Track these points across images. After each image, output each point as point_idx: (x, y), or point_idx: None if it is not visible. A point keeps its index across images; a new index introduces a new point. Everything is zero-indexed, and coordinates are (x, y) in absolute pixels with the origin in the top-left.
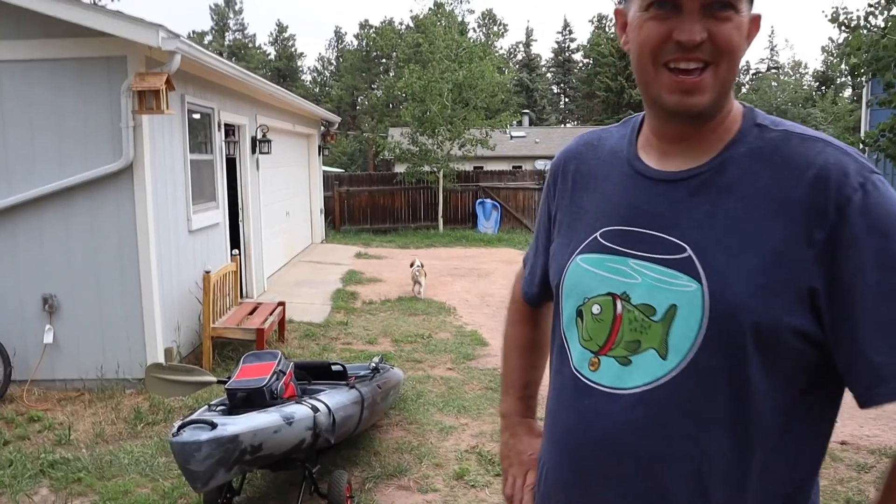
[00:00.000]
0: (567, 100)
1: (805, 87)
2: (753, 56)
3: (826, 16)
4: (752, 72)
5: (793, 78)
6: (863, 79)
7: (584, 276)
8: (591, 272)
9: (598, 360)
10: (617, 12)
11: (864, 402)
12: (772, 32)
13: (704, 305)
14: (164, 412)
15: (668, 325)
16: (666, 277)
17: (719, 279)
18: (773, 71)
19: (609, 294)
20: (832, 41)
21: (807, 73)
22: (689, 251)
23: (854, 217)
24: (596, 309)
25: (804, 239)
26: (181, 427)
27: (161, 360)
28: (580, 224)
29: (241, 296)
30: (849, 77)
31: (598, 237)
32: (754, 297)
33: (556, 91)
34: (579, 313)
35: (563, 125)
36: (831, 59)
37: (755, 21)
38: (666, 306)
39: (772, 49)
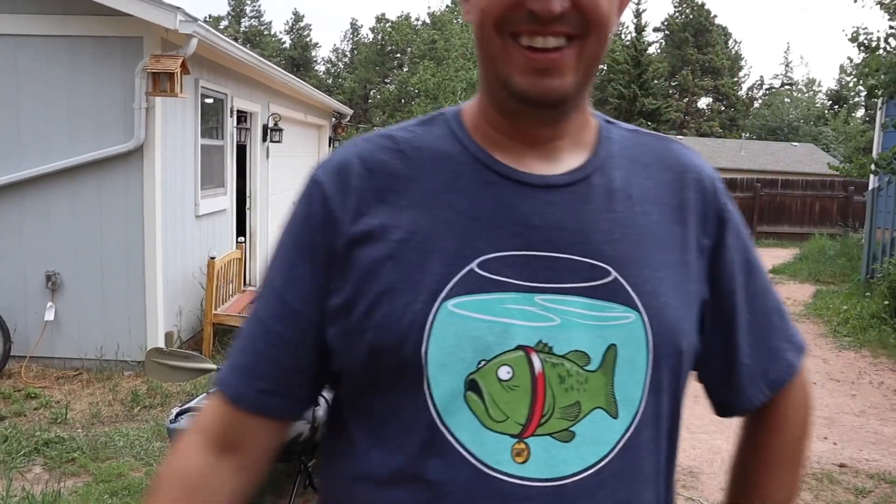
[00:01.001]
0: None
1: (818, 105)
2: (767, 71)
3: (846, 35)
4: (765, 87)
5: (806, 95)
6: (879, 100)
7: (467, 328)
8: (478, 321)
9: (526, 444)
10: None
11: (735, 408)
12: (787, 49)
13: (648, 338)
14: (161, 396)
15: (611, 373)
16: (594, 312)
17: (654, 302)
18: (787, 87)
19: (519, 348)
20: (850, 60)
21: (820, 90)
22: (614, 272)
23: (730, 224)
24: (505, 372)
25: (697, 248)
26: (179, 414)
27: (161, 343)
28: (427, 256)
29: (245, 284)
30: (864, 97)
31: (476, 269)
32: (684, 319)
33: None
34: (471, 385)
35: None
36: (847, 78)
37: None
38: (603, 349)
39: (786, 65)
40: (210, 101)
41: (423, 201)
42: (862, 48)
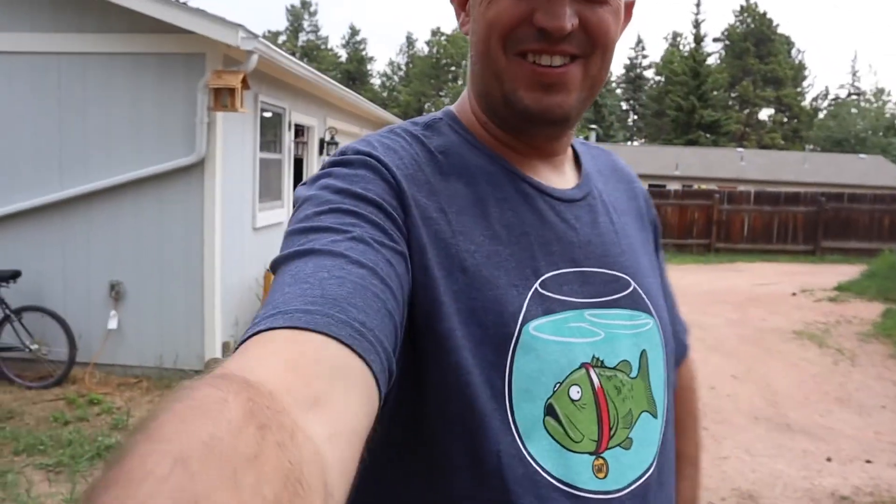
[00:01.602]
0: (636, 117)
1: (887, 116)
2: (833, 81)
3: None
4: (830, 97)
5: (875, 105)
6: None
7: (547, 351)
8: (552, 343)
9: (604, 459)
10: None
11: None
12: (855, 57)
13: (661, 340)
14: None
15: (647, 377)
16: (628, 321)
17: (657, 306)
18: (854, 97)
19: (582, 366)
20: None
21: (889, 100)
22: (633, 283)
23: (659, 229)
24: (576, 392)
25: (654, 253)
26: None
27: (218, 353)
28: (499, 273)
29: None
30: None
31: (539, 289)
32: (671, 322)
33: (624, 108)
34: (549, 410)
35: (629, 142)
36: None
37: (629, 7)
38: (638, 355)
39: (854, 74)
40: (269, 115)
41: (469, 210)
42: None
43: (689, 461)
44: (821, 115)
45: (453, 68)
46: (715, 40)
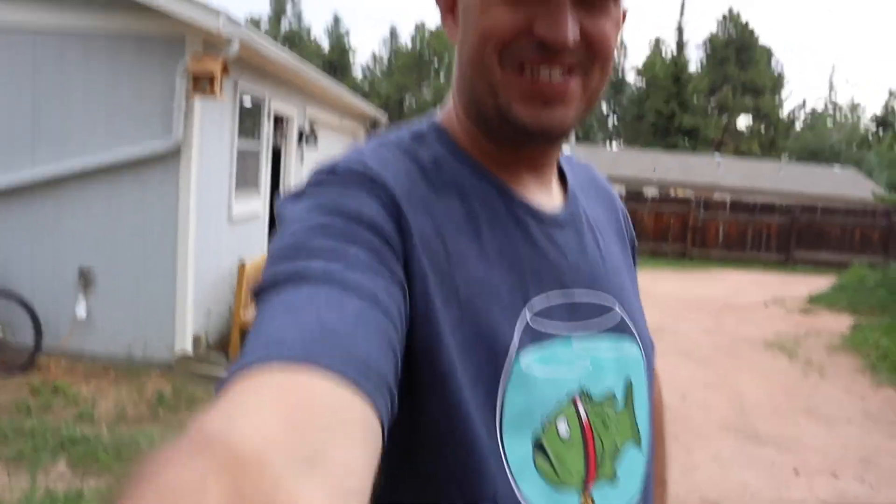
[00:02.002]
0: (616, 119)
1: (862, 130)
2: (810, 93)
3: None
4: (807, 109)
5: (850, 120)
6: None
7: (535, 386)
8: (542, 376)
9: (590, 496)
10: None
11: None
12: (832, 71)
13: (644, 365)
14: (186, 399)
15: (632, 407)
16: (614, 349)
17: (638, 328)
18: (830, 112)
19: (568, 398)
20: None
21: (864, 115)
22: (617, 306)
23: (636, 246)
24: (563, 428)
25: (633, 271)
26: None
27: (189, 344)
28: (490, 301)
29: None
30: None
31: (529, 319)
32: (652, 345)
33: (605, 111)
34: (538, 447)
35: (608, 145)
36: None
37: (623, 16)
38: (623, 385)
39: (831, 88)
40: (248, 103)
41: (464, 230)
42: None
43: (658, 481)
44: (797, 127)
45: (436, 65)
46: (697, 47)
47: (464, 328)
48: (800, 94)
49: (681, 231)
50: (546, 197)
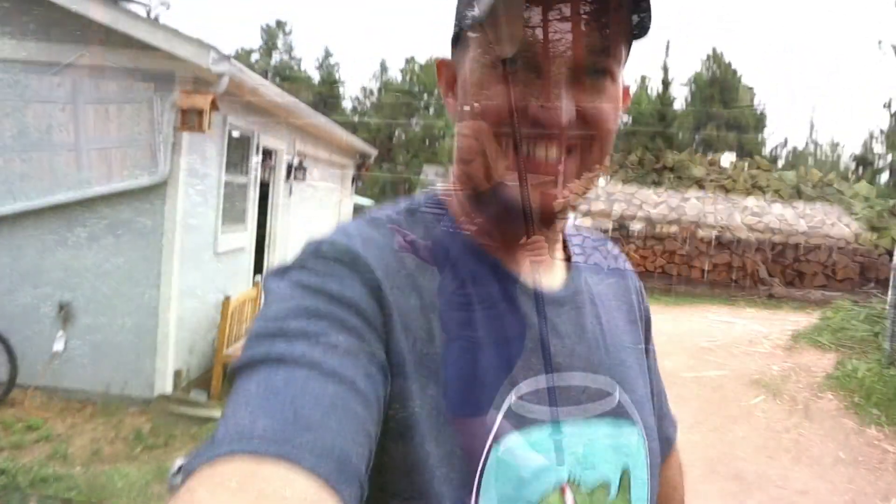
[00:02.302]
0: None
1: (843, 169)
2: (792, 134)
3: (887, 108)
4: (788, 147)
5: (830, 158)
6: None
7: (517, 474)
8: (522, 464)
9: None
10: (441, 64)
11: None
12: (813, 110)
13: (645, 451)
14: (164, 437)
15: (628, 496)
16: (611, 435)
17: (642, 412)
18: (810, 151)
19: (555, 486)
20: (882, 133)
21: (843, 154)
22: (617, 388)
23: (651, 324)
24: None
25: (644, 348)
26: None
27: (169, 383)
28: (473, 386)
29: None
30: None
31: (514, 405)
32: (659, 417)
33: None
34: None
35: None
36: (875, 142)
37: (626, 92)
38: (619, 473)
39: (812, 127)
40: (237, 136)
41: (453, 308)
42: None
43: None
44: (779, 164)
45: (426, 97)
46: (682, 85)
47: (443, 412)
48: (782, 134)
49: (666, 267)
50: (545, 274)
